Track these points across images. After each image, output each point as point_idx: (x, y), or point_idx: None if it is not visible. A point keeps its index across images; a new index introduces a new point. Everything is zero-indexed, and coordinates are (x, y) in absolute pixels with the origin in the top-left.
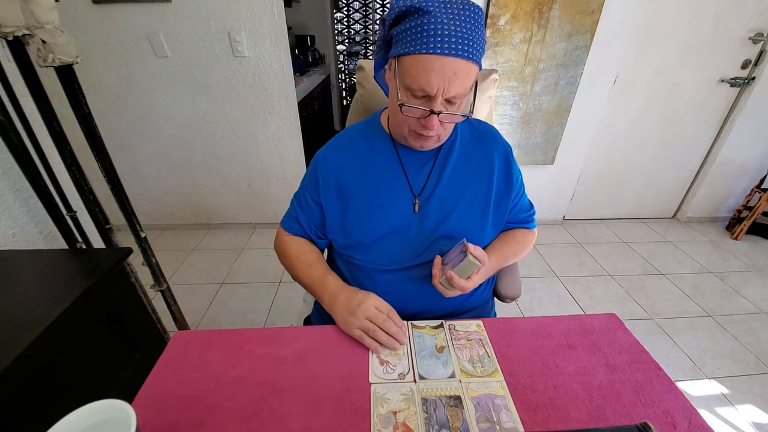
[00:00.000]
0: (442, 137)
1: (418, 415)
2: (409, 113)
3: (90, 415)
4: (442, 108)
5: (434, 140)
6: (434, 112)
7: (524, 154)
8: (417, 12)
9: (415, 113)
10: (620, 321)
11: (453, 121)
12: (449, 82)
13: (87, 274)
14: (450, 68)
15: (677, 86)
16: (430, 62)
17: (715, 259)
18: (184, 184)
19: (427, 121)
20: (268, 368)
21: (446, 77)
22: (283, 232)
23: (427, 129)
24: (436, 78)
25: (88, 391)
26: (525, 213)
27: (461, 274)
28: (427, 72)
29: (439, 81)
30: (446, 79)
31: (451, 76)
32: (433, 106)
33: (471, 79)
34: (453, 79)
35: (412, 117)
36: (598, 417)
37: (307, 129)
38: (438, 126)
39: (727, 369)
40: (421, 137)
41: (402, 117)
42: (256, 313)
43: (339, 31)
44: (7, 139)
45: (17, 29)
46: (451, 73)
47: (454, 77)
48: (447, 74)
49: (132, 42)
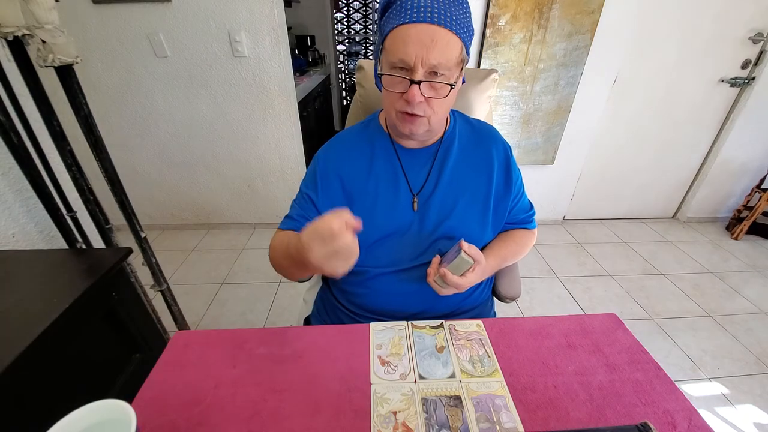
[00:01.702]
0: (433, 121)
1: (418, 415)
2: (390, 86)
3: (90, 415)
4: (423, 78)
5: (423, 124)
6: (414, 81)
7: (524, 154)
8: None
9: (396, 85)
10: (620, 321)
11: (436, 96)
12: (427, 48)
13: (87, 274)
14: (426, 34)
15: (677, 86)
16: (406, 31)
17: (715, 259)
18: (184, 184)
19: (407, 94)
20: (268, 368)
21: (423, 44)
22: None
23: (411, 105)
24: (413, 46)
25: (88, 391)
26: (525, 213)
27: (455, 272)
28: (405, 41)
29: (416, 48)
30: (424, 45)
31: (428, 43)
32: (413, 76)
33: (453, 50)
34: (431, 46)
35: (395, 92)
36: (598, 417)
37: (307, 129)
38: (421, 101)
39: (727, 369)
40: (407, 118)
41: (388, 99)
42: (256, 313)
43: (339, 31)
44: (8, 140)
45: (17, 29)
46: (428, 39)
47: (432, 44)
48: (424, 40)
49: (132, 42)
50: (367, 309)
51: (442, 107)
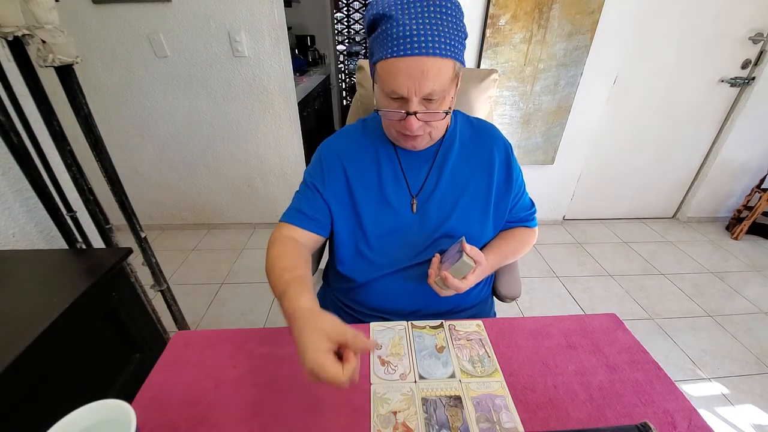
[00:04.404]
0: (434, 135)
1: (418, 415)
2: (387, 117)
3: (90, 415)
4: (419, 107)
5: (425, 139)
6: (409, 113)
7: (524, 154)
8: (383, 18)
9: (393, 117)
10: (620, 321)
11: (432, 120)
12: (419, 82)
13: (87, 274)
14: (416, 68)
15: (677, 86)
16: (396, 65)
17: (715, 259)
18: (184, 184)
19: (405, 123)
20: (268, 368)
21: (414, 77)
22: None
23: (408, 130)
24: (404, 79)
25: (89, 391)
26: (526, 211)
27: (456, 275)
28: (395, 75)
29: (407, 82)
30: (414, 79)
31: (419, 76)
32: (409, 108)
33: (445, 74)
34: (423, 78)
35: (393, 120)
36: (598, 417)
37: (307, 129)
38: (419, 126)
39: (727, 369)
40: (408, 138)
41: (386, 121)
42: (256, 313)
43: (339, 31)
44: (8, 140)
45: (17, 29)
46: (418, 72)
47: (423, 76)
48: (414, 74)
49: (132, 42)
50: (367, 307)
51: (441, 123)
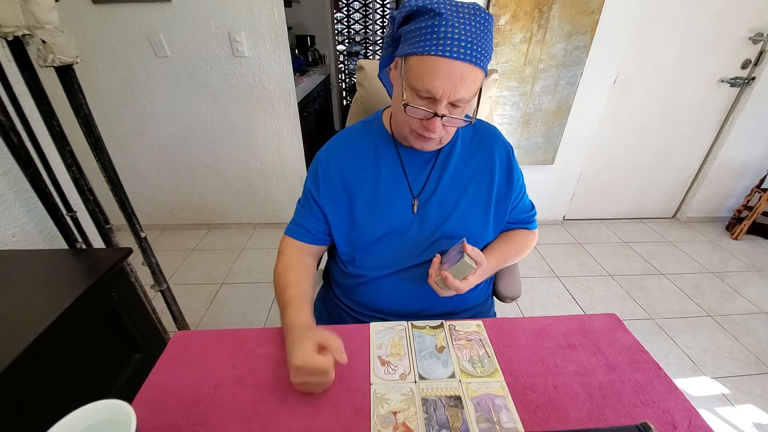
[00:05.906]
0: (444, 140)
1: (418, 415)
2: (413, 114)
3: (90, 415)
4: (445, 111)
5: (436, 142)
6: (437, 114)
7: (524, 154)
8: (428, 13)
9: (419, 114)
10: (620, 321)
11: (455, 125)
12: (456, 86)
13: (87, 274)
14: (457, 72)
15: (677, 86)
16: (438, 65)
17: (715, 259)
18: (184, 184)
19: (429, 123)
20: (268, 368)
21: (453, 81)
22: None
23: (428, 131)
24: (443, 81)
25: (89, 391)
26: (526, 213)
27: (456, 275)
28: (434, 74)
29: (445, 84)
30: (453, 83)
31: (457, 81)
32: (437, 109)
33: (477, 84)
34: (460, 84)
35: (415, 117)
36: (598, 417)
37: (307, 129)
38: (440, 129)
39: (727, 369)
40: (422, 138)
41: (404, 116)
42: (256, 313)
43: (339, 31)
44: (8, 140)
45: (17, 29)
46: (458, 77)
47: (461, 82)
48: (454, 78)
49: (132, 42)
50: (368, 307)
51: (454, 129)
